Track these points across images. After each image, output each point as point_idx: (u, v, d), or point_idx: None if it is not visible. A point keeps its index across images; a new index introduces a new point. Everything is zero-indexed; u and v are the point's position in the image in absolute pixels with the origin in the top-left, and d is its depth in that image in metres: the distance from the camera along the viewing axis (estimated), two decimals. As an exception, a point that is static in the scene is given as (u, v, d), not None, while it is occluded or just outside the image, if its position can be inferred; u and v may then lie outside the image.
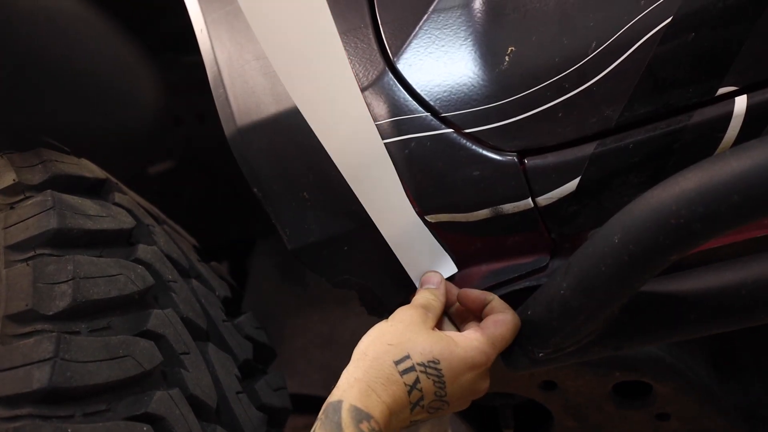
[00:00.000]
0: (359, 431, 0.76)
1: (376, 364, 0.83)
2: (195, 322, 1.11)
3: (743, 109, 0.82)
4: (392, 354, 0.83)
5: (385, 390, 0.81)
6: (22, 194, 1.03)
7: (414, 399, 0.83)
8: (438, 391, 0.85)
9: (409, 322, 0.88)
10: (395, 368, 0.82)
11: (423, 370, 0.84)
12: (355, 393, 0.80)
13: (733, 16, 0.80)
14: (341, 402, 0.79)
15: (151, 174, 2.05)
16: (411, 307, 0.92)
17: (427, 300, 0.94)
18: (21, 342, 0.88)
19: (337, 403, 0.79)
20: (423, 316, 0.90)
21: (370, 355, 0.84)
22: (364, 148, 0.93)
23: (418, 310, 0.91)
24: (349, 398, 0.79)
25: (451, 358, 0.86)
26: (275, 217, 1.03)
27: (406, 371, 0.83)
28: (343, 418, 0.77)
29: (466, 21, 0.94)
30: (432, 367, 0.84)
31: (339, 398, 0.79)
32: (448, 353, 0.86)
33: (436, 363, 0.85)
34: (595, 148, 0.88)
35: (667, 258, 0.73)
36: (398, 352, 0.84)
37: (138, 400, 0.93)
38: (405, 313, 0.90)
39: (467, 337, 0.89)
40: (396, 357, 0.83)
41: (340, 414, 0.77)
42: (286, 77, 0.88)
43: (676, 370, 1.08)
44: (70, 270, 0.95)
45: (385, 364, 0.82)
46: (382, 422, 0.79)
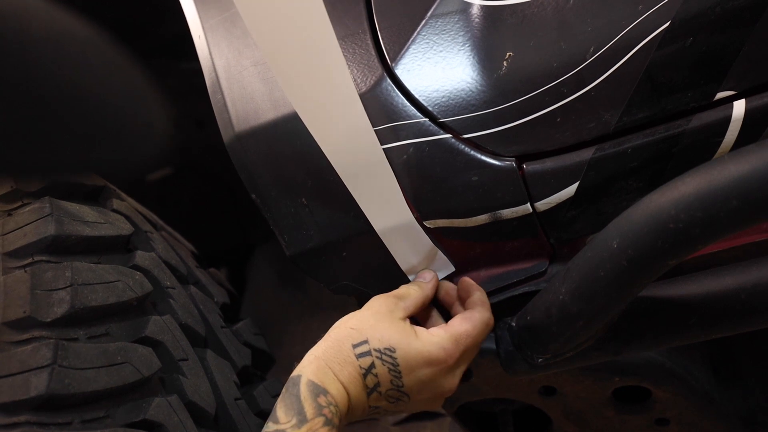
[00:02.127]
0: (317, 404, 0.80)
1: (336, 344, 0.86)
2: (193, 328, 1.11)
3: (741, 113, 0.82)
4: (352, 337, 0.87)
5: (342, 370, 0.84)
6: (20, 201, 1.03)
7: (370, 384, 0.86)
8: (394, 380, 0.87)
9: (376, 310, 0.91)
10: (352, 351, 0.86)
11: (378, 356, 0.86)
12: (313, 369, 0.84)
13: (730, 21, 0.80)
14: (300, 376, 0.83)
15: (149, 180, 2.04)
16: (384, 295, 0.94)
17: (405, 291, 0.96)
18: (19, 349, 0.88)
19: (296, 377, 0.83)
20: (392, 305, 0.92)
21: (332, 336, 0.88)
22: (362, 153, 0.93)
23: (389, 299, 0.93)
24: (307, 373, 0.83)
25: (408, 349, 0.87)
26: (274, 223, 1.03)
27: (362, 355, 0.86)
28: (301, 390, 0.81)
29: (464, 26, 0.94)
30: (388, 355, 0.86)
31: (299, 373, 0.83)
32: (405, 344, 0.87)
33: (392, 351, 0.87)
34: (593, 153, 0.88)
35: (666, 263, 0.73)
36: (357, 336, 0.87)
37: (136, 407, 0.93)
38: (376, 301, 0.93)
39: (430, 332, 0.91)
40: (355, 340, 0.86)
41: (298, 387, 0.82)
42: (285, 82, 0.88)
43: (676, 375, 1.08)
44: (68, 277, 0.94)
45: (344, 346, 0.86)
46: (338, 399, 0.82)
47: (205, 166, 2.05)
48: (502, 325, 0.99)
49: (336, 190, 0.96)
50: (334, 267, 1.04)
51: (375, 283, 1.03)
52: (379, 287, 1.01)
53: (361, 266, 1.03)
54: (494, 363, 1.01)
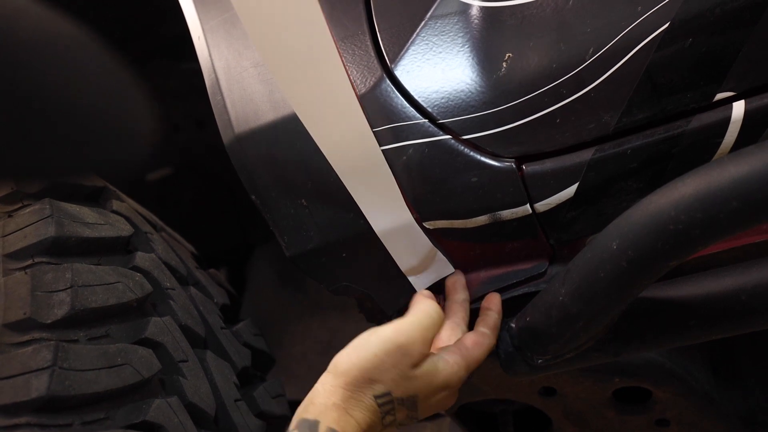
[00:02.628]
0: None
1: (357, 395, 0.84)
2: (193, 329, 1.11)
3: (741, 114, 0.82)
4: (374, 390, 0.85)
5: (363, 417, 0.83)
6: (20, 202, 1.03)
7: (387, 422, 0.86)
8: (410, 414, 0.88)
9: (397, 358, 0.85)
10: (374, 401, 0.84)
11: (401, 402, 0.86)
12: (333, 416, 0.82)
13: (730, 22, 0.80)
14: (318, 423, 0.81)
15: (149, 181, 2.05)
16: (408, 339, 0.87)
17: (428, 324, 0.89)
18: (19, 350, 0.88)
19: (314, 423, 0.81)
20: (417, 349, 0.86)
21: (351, 383, 0.84)
22: (362, 154, 0.93)
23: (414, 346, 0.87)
24: (326, 420, 0.81)
25: (429, 390, 0.87)
26: (273, 224, 1.03)
27: (384, 404, 0.85)
28: None
29: (463, 27, 0.94)
30: (410, 401, 0.87)
31: (316, 418, 0.81)
32: (426, 388, 0.87)
33: (415, 398, 0.87)
34: (593, 153, 0.88)
35: (666, 264, 0.73)
36: (380, 389, 0.85)
37: (136, 409, 0.93)
38: (400, 349, 0.86)
39: (447, 361, 0.89)
40: (377, 392, 0.85)
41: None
42: (283, 84, 0.88)
43: (676, 376, 1.08)
44: (69, 278, 0.94)
45: (365, 397, 0.84)
46: None
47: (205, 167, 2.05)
48: (501, 326, 0.99)
49: (336, 191, 0.96)
50: (334, 268, 1.04)
51: (375, 284, 1.03)
52: (379, 288, 1.01)
53: (361, 267, 1.03)
54: (494, 364, 1.01)
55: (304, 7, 0.84)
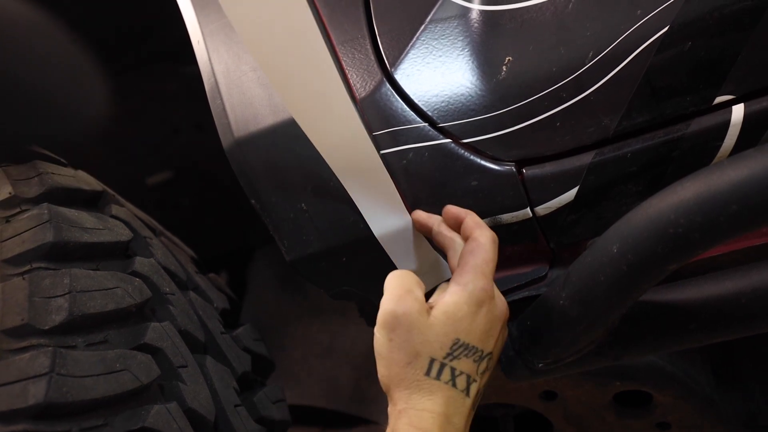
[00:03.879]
0: None
1: (412, 388, 0.81)
2: (193, 334, 1.11)
3: (740, 117, 0.82)
4: (419, 370, 0.81)
5: (432, 401, 0.80)
6: (18, 207, 1.02)
7: (462, 385, 0.82)
8: (474, 357, 0.83)
9: (405, 326, 0.83)
10: (429, 378, 0.81)
11: (451, 358, 0.81)
12: (404, 422, 0.79)
13: (729, 26, 0.80)
14: None
15: (149, 184, 2.05)
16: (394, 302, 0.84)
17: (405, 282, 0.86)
18: (17, 357, 0.87)
19: None
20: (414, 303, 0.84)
21: (400, 384, 0.82)
22: (361, 157, 0.93)
23: (405, 301, 0.84)
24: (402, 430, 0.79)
25: (462, 324, 0.83)
26: (273, 228, 1.03)
27: (439, 373, 0.81)
28: None
29: (463, 31, 0.94)
30: (456, 348, 0.82)
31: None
32: (458, 323, 0.83)
33: (457, 341, 0.82)
34: (593, 157, 0.88)
35: (666, 267, 0.73)
36: (422, 364, 0.81)
37: (135, 415, 0.93)
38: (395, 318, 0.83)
39: (453, 291, 0.84)
40: (424, 369, 0.81)
41: None
42: (280, 89, 0.88)
43: (677, 379, 1.08)
44: (67, 284, 0.94)
45: (422, 384, 0.81)
46: None
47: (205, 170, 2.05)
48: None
49: (336, 195, 0.96)
50: (334, 272, 1.04)
51: (375, 289, 1.03)
52: (379, 292, 1.01)
53: (361, 271, 1.03)
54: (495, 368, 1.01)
55: (296, 13, 0.84)
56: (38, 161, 1.12)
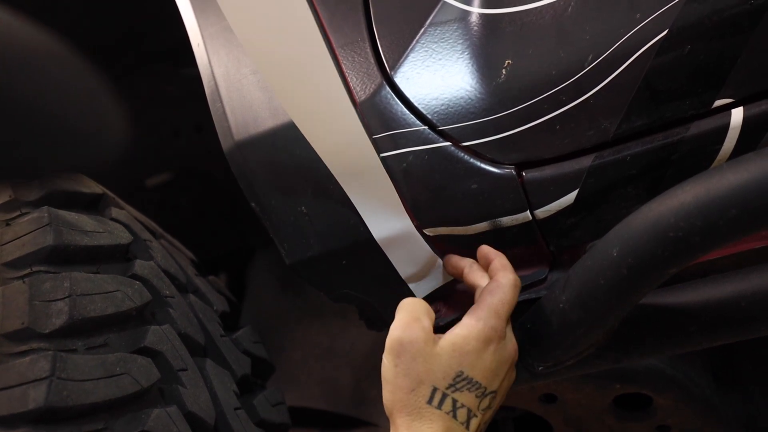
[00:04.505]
0: None
1: (414, 414, 0.82)
2: (193, 337, 1.11)
3: (740, 121, 0.82)
4: (421, 398, 0.82)
5: (433, 429, 0.81)
6: (18, 210, 1.03)
7: (462, 417, 0.83)
8: (476, 392, 0.84)
9: (411, 354, 0.84)
10: (430, 407, 0.82)
11: (453, 389, 0.83)
12: None
13: (728, 29, 0.80)
14: None
15: (149, 186, 2.04)
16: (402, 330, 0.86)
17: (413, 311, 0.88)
18: (17, 361, 0.87)
19: None
20: (422, 333, 0.85)
21: (402, 410, 0.83)
22: (361, 161, 0.93)
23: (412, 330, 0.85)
24: None
25: (468, 359, 0.84)
26: (273, 231, 1.03)
27: (441, 403, 0.82)
28: None
29: (462, 34, 0.94)
30: (460, 380, 0.83)
31: None
32: (464, 356, 0.84)
33: (461, 374, 0.83)
34: (592, 160, 0.88)
35: (666, 271, 0.73)
36: (425, 392, 0.82)
37: (135, 418, 0.93)
38: (401, 345, 0.85)
39: (466, 325, 0.86)
40: (426, 397, 0.82)
41: None
42: (280, 92, 0.88)
43: (677, 382, 1.08)
44: (67, 287, 0.94)
45: (422, 412, 0.82)
46: None
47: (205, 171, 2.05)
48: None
49: (336, 198, 0.96)
50: (334, 275, 1.04)
51: (375, 292, 1.03)
52: (379, 295, 1.01)
53: (361, 275, 1.03)
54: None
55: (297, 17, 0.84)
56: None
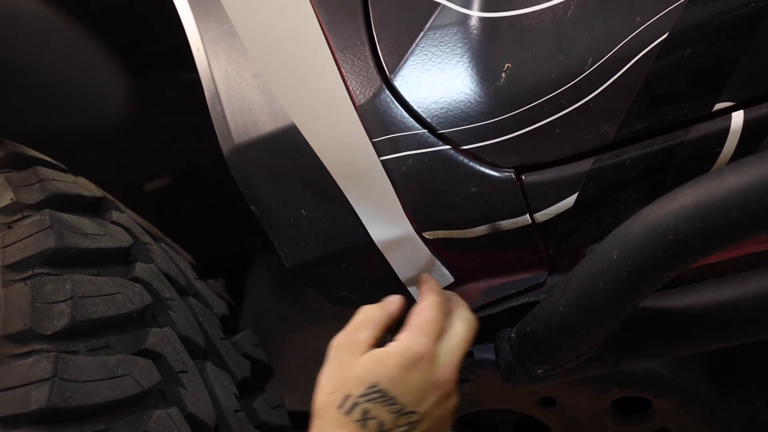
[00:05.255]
0: None
1: (325, 418, 0.84)
2: (193, 340, 1.11)
3: (740, 124, 0.82)
4: (333, 401, 0.84)
5: None
6: (19, 213, 1.03)
7: (372, 429, 0.83)
8: (392, 407, 0.84)
9: (339, 359, 0.88)
10: (340, 412, 0.83)
11: (366, 399, 0.83)
12: None
13: (729, 33, 0.80)
14: None
15: (148, 190, 2.05)
16: (340, 339, 0.91)
17: (361, 320, 0.93)
18: (19, 362, 0.87)
19: None
20: (352, 345, 0.89)
21: (318, 411, 0.85)
22: (361, 164, 0.93)
23: (346, 340, 0.91)
24: None
25: (386, 372, 0.85)
26: (273, 234, 1.03)
27: (351, 410, 0.83)
28: None
29: (462, 38, 0.94)
30: (373, 392, 0.84)
31: None
32: (382, 369, 0.85)
33: (375, 386, 0.84)
34: (592, 164, 0.88)
35: (666, 274, 0.73)
36: (338, 397, 0.84)
37: (136, 420, 0.93)
38: (334, 352, 0.90)
39: (396, 341, 0.89)
40: (337, 402, 0.83)
41: None
42: (281, 95, 0.88)
43: (676, 386, 1.08)
44: (69, 289, 0.94)
45: (331, 416, 0.83)
46: None
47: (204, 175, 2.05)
48: (501, 336, 0.99)
49: (335, 201, 0.96)
50: (333, 278, 1.04)
51: (374, 295, 1.03)
52: (378, 298, 1.01)
53: (361, 277, 1.03)
54: (494, 374, 1.01)
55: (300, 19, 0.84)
56: (39, 167, 1.12)
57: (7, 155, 1.13)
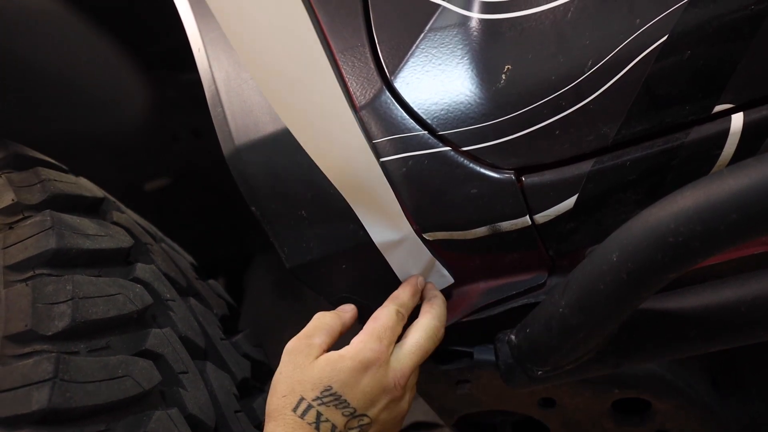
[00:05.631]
0: None
1: (280, 420, 0.85)
2: (193, 340, 1.11)
3: (740, 126, 0.83)
4: (288, 404, 0.85)
5: None
6: (20, 214, 1.03)
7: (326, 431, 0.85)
8: (343, 410, 0.86)
9: (293, 363, 0.89)
10: (295, 415, 0.85)
11: (319, 402, 0.85)
12: None
13: (728, 35, 0.80)
14: None
15: (148, 191, 2.05)
16: (295, 342, 0.93)
17: (315, 325, 0.95)
18: (20, 363, 0.87)
19: None
20: (305, 348, 0.90)
21: (272, 414, 0.86)
22: (359, 167, 0.93)
23: (300, 344, 0.92)
24: None
25: (340, 375, 0.87)
26: (273, 235, 1.03)
27: (305, 412, 0.85)
28: None
29: (462, 39, 0.94)
30: (327, 395, 0.86)
31: None
32: (335, 373, 0.87)
33: (329, 389, 0.86)
34: (592, 165, 0.88)
35: (666, 276, 0.73)
36: (292, 400, 0.86)
37: (137, 420, 0.93)
38: (289, 355, 0.91)
39: (348, 346, 0.91)
40: (292, 405, 0.85)
41: None
42: (274, 102, 0.88)
43: (676, 387, 1.08)
44: (69, 290, 0.94)
45: (286, 418, 0.85)
46: None
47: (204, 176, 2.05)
48: (501, 338, 0.99)
49: (335, 202, 0.96)
50: (333, 279, 1.04)
51: (374, 296, 1.03)
52: (378, 300, 1.01)
53: (361, 279, 1.03)
54: (494, 375, 1.01)
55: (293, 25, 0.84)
56: (40, 168, 1.12)
57: (8, 156, 1.13)
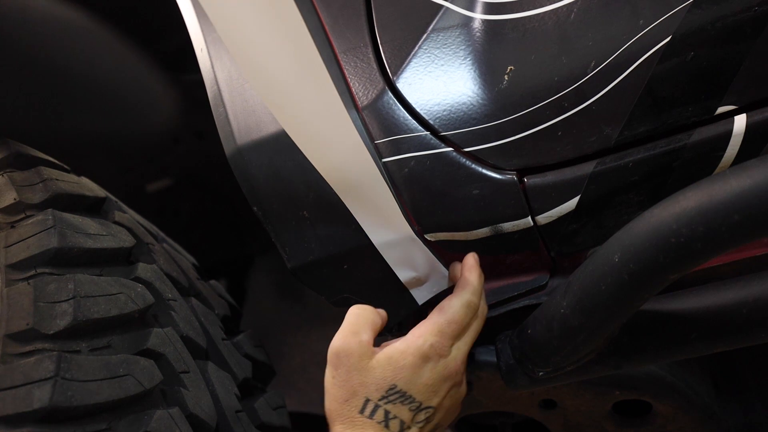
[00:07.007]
0: None
1: (347, 423, 0.86)
2: (195, 340, 1.11)
3: (742, 127, 0.83)
4: (354, 407, 0.86)
5: None
6: (22, 213, 1.03)
7: (394, 428, 0.87)
8: (410, 405, 0.88)
9: (347, 366, 0.89)
10: (363, 417, 0.86)
11: (386, 401, 0.86)
12: None
13: (731, 36, 0.80)
14: None
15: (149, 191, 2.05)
16: (340, 340, 0.91)
17: (356, 323, 0.93)
18: (22, 361, 0.87)
19: None
20: (357, 347, 0.89)
21: (337, 419, 0.87)
22: (357, 169, 0.93)
23: (349, 341, 0.90)
24: None
25: (403, 373, 0.88)
26: (275, 235, 1.03)
27: (372, 413, 0.86)
28: None
29: (465, 40, 0.94)
30: (392, 393, 0.87)
31: None
32: (398, 371, 0.88)
33: (393, 387, 0.87)
34: (594, 166, 0.88)
35: (668, 277, 0.73)
36: (357, 403, 0.87)
37: (138, 420, 0.93)
38: (338, 357, 0.90)
39: (407, 339, 0.91)
40: (358, 407, 0.86)
41: None
42: (269, 103, 0.87)
43: (677, 389, 1.08)
44: (71, 289, 0.94)
45: (355, 420, 0.86)
46: None
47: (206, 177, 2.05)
48: (502, 339, 0.99)
49: (336, 203, 0.96)
50: (335, 280, 1.04)
51: (375, 296, 1.03)
52: (380, 300, 1.01)
53: (363, 279, 1.03)
54: (495, 376, 1.01)
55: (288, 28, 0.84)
56: (42, 167, 1.12)
57: (10, 155, 1.12)
